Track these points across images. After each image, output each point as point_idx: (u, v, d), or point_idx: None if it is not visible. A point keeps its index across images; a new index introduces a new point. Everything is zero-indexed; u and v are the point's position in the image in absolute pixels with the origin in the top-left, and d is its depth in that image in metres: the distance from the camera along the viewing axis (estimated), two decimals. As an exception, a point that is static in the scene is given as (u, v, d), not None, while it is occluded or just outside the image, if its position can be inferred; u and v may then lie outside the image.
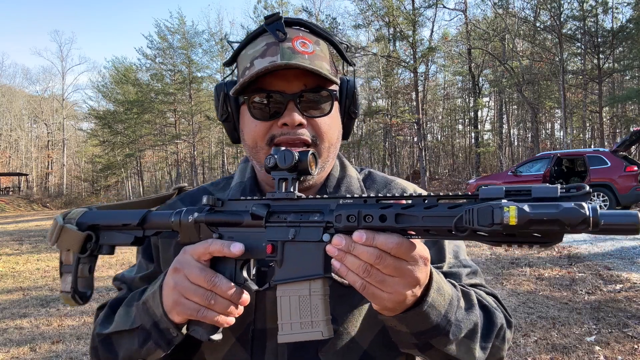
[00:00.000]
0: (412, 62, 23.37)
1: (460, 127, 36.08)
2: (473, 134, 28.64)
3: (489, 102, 32.95)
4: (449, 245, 0.88)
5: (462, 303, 0.72)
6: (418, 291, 0.64)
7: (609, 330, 3.70)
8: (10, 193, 44.28)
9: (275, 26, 0.76)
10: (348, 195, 0.65)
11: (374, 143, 32.76)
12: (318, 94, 0.79)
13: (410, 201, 0.60)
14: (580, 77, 22.26)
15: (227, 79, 0.86)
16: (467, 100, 32.60)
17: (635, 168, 10.17)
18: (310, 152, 0.68)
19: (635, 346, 3.39)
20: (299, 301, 0.66)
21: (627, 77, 25.62)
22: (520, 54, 23.99)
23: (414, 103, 24.67)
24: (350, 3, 57.41)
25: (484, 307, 0.78)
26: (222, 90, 0.84)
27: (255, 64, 0.75)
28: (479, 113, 29.54)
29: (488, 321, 0.77)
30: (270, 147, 0.78)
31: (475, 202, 0.55)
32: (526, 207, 0.49)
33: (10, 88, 54.66)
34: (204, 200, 0.71)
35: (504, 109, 30.00)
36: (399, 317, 0.65)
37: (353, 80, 0.87)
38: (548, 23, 21.59)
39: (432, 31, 30.79)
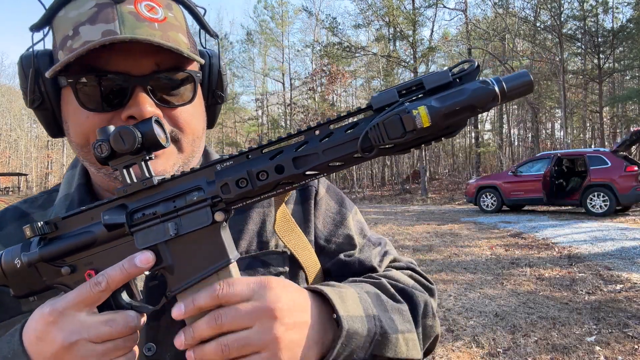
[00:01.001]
0: (412, 62, 23.38)
1: (460, 127, 36.10)
2: (473, 134, 28.63)
3: (489, 102, 32.87)
4: (354, 224, 0.76)
5: (376, 300, 0.61)
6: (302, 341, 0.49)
7: (609, 331, 3.70)
8: (10, 193, 44.28)
9: None
10: (225, 156, 0.50)
11: (374, 143, 32.76)
12: (175, 76, 0.59)
13: (303, 137, 0.48)
14: (581, 77, 22.28)
15: (39, 46, 0.61)
16: (467, 100, 32.57)
17: (636, 168, 10.16)
18: (153, 119, 0.49)
19: (636, 346, 3.38)
20: None
21: (628, 77, 25.63)
22: (521, 53, 24.00)
23: (414, 103, 24.63)
24: (350, 3, 57.39)
25: (401, 292, 0.67)
26: (31, 66, 0.59)
27: (82, 33, 0.53)
28: (479, 113, 29.53)
29: (411, 305, 0.66)
30: None
31: (374, 115, 0.47)
32: (434, 103, 0.45)
33: (10, 88, 54.68)
34: (27, 231, 0.50)
35: (504, 109, 29.98)
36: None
37: (218, 56, 0.68)
38: (548, 23, 21.60)
39: (432, 31, 30.88)
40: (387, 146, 0.46)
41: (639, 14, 19.70)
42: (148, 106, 0.55)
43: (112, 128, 0.49)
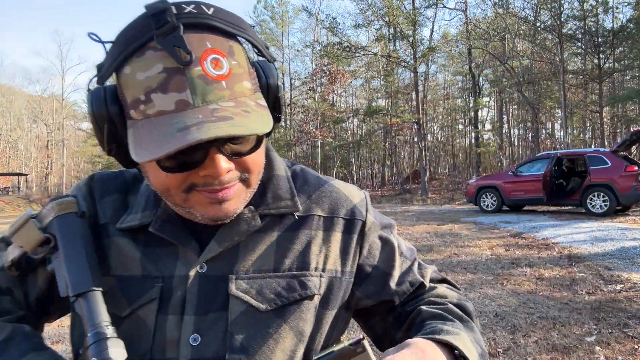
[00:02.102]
0: (412, 62, 23.37)
1: (460, 127, 36.13)
2: (473, 134, 28.66)
3: (489, 102, 32.96)
4: (397, 246, 0.76)
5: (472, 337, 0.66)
6: None
7: (610, 331, 3.70)
8: (10, 193, 44.28)
9: (172, 41, 0.52)
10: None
11: (374, 143, 32.76)
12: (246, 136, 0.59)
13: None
14: (581, 77, 22.29)
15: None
16: (467, 100, 32.62)
17: (636, 168, 10.16)
18: None
19: (636, 346, 3.38)
20: None
21: (628, 77, 25.63)
22: (521, 53, 23.99)
23: (414, 103, 24.66)
24: (350, 3, 57.40)
25: (462, 309, 0.72)
26: (106, 119, 0.58)
27: (155, 101, 0.53)
28: (479, 113, 29.55)
29: (472, 319, 0.71)
30: (188, 194, 0.59)
31: None
32: None
33: (10, 88, 54.70)
34: None
35: (504, 109, 30.01)
36: None
37: (276, 81, 0.64)
38: (548, 23, 21.60)
39: (432, 31, 30.90)
40: None
41: (639, 14, 19.70)
42: (223, 164, 0.57)
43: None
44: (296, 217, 0.69)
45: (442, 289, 0.77)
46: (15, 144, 52.75)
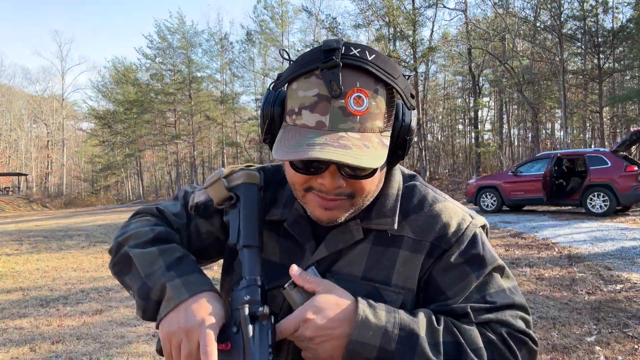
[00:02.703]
0: (412, 62, 23.37)
1: (460, 127, 36.10)
2: (473, 134, 28.65)
3: (489, 102, 32.95)
4: (472, 279, 0.74)
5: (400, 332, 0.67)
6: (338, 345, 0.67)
7: (609, 331, 3.70)
8: (10, 193, 44.26)
9: (330, 75, 0.65)
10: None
11: (374, 143, 32.73)
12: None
13: None
14: (581, 77, 22.27)
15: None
16: (467, 100, 32.61)
17: (636, 168, 10.16)
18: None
19: (636, 346, 3.38)
20: None
21: (628, 77, 25.61)
22: (521, 53, 23.99)
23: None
24: (350, 3, 57.33)
25: (454, 344, 0.69)
26: (269, 116, 0.74)
27: (303, 115, 0.67)
28: (479, 113, 29.55)
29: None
30: (307, 193, 0.73)
31: None
32: None
33: (10, 88, 54.68)
34: None
35: (504, 109, 30.00)
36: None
37: (408, 124, 0.72)
38: (548, 23, 21.59)
39: (432, 31, 30.82)
40: None
41: (639, 14, 19.69)
42: (335, 182, 0.69)
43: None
44: (389, 234, 0.77)
45: (479, 334, 0.71)
46: (16, 144, 52.73)
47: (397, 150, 0.75)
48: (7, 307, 5.28)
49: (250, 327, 0.64)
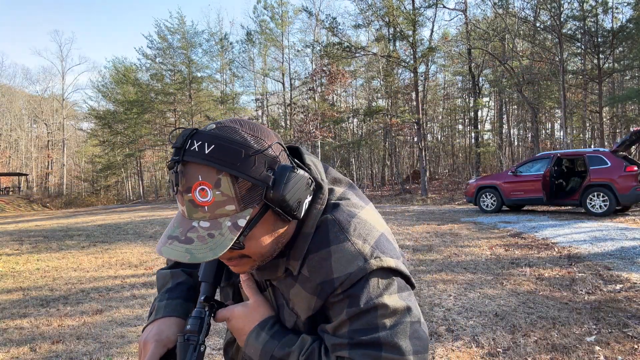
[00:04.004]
0: (412, 62, 23.36)
1: (460, 127, 36.10)
2: (473, 134, 28.64)
3: (489, 102, 32.94)
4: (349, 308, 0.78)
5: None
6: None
7: (609, 330, 3.70)
8: (10, 193, 44.26)
9: (172, 176, 0.74)
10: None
11: (374, 143, 32.75)
12: None
13: None
14: (580, 77, 22.26)
15: None
16: (467, 100, 32.60)
17: (635, 168, 10.15)
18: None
19: (635, 346, 3.39)
20: None
21: (627, 77, 25.61)
22: (520, 54, 23.99)
23: (414, 103, 24.66)
24: (351, 3, 57.37)
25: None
26: None
27: (178, 205, 0.77)
28: (479, 113, 29.54)
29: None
30: None
31: None
32: None
33: (10, 88, 54.63)
34: None
35: (504, 109, 30.00)
36: None
37: (275, 195, 0.74)
38: (548, 23, 21.59)
39: (432, 31, 30.86)
40: None
41: (638, 14, 19.68)
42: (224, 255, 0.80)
43: None
44: (294, 273, 0.84)
45: None
46: (16, 144, 52.71)
47: (279, 216, 0.77)
48: (8, 307, 5.28)
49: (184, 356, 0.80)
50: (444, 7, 23.71)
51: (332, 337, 0.79)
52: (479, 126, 28.30)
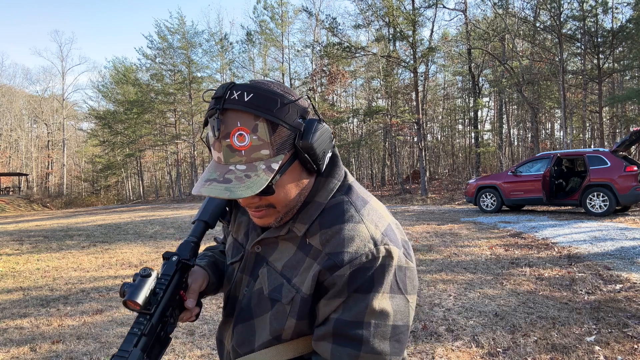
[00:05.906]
0: (412, 62, 23.36)
1: (460, 127, 36.08)
2: (473, 134, 28.62)
3: (489, 102, 32.94)
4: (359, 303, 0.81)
5: None
6: None
7: (609, 330, 3.71)
8: (11, 193, 44.27)
9: (214, 122, 0.79)
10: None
11: (374, 143, 32.74)
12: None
13: None
14: (580, 77, 22.24)
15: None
16: (467, 100, 32.59)
17: (635, 168, 10.16)
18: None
19: (635, 346, 3.39)
20: None
21: (627, 77, 25.60)
22: (520, 54, 23.99)
23: (414, 103, 24.66)
24: (350, 3, 57.38)
25: None
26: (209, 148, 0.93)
27: (212, 152, 0.83)
28: (479, 113, 29.54)
29: None
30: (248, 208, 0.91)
31: None
32: None
33: (10, 88, 54.62)
34: None
35: (504, 109, 29.99)
36: None
37: (305, 143, 0.81)
38: (548, 23, 21.58)
39: (432, 31, 30.81)
40: None
41: (638, 14, 19.68)
42: (246, 199, 0.85)
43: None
44: (307, 242, 0.87)
45: None
46: (16, 144, 52.71)
47: (306, 165, 0.84)
48: (8, 307, 5.28)
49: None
50: (444, 7, 23.72)
51: (317, 329, 0.83)
52: (479, 126, 28.29)
